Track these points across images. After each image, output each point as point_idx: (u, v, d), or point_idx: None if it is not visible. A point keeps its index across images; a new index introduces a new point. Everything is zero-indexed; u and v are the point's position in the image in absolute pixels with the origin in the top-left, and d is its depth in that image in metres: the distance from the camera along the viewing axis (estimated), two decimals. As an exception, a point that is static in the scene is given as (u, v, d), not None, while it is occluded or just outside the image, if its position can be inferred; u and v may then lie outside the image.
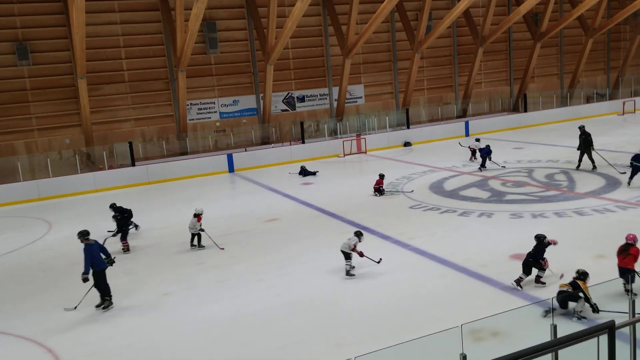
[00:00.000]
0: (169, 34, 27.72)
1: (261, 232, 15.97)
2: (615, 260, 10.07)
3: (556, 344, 5.18)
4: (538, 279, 10.73)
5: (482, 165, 22.26)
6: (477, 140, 24.78)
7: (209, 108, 29.86)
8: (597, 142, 25.59)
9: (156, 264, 13.97)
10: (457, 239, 13.99)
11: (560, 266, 10.70)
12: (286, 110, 31.69)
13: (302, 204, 18.86)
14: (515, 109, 36.96)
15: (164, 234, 16.59)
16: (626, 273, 9.34)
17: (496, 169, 21.94)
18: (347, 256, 11.91)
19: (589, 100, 38.29)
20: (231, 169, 26.25)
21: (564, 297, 8.87)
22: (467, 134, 31.79)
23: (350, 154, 28.48)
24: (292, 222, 16.79)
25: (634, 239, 9.90)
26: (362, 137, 29.21)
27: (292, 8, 26.58)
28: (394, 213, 16.90)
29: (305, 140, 28.90)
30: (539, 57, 36.85)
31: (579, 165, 20.83)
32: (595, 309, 8.61)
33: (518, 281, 10.61)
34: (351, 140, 28.87)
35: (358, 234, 12.06)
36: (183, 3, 24.68)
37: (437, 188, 19.69)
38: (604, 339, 5.53)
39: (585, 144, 20.57)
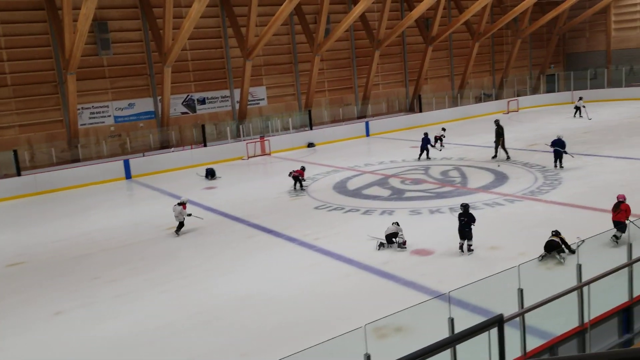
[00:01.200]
0: (56, 34, 26.09)
1: (162, 241, 15.47)
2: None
3: (452, 341, 5.44)
4: (469, 247, 12.53)
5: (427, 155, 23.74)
6: (443, 129, 27.48)
7: (103, 112, 28.46)
8: (484, 139, 27.28)
9: (47, 281, 13.10)
10: (361, 237, 14.31)
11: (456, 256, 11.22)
12: (186, 113, 30.92)
13: (206, 210, 18.47)
14: (411, 109, 38.47)
15: (57, 248, 15.60)
16: (619, 225, 11.58)
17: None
18: (389, 239, 13.10)
19: (477, 100, 40.65)
20: (128, 175, 25.20)
21: (551, 245, 11.49)
22: (367, 134, 32.68)
23: (254, 156, 28.32)
24: (195, 228, 16.40)
25: (624, 197, 12.32)
26: (265, 138, 29.15)
27: (189, 9, 25.99)
28: (299, 214, 16.99)
29: (208, 143, 28.36)
30: (431, 60, 38.62)
31: (495, 155, 22.53)
32: (572, 251, 10.99)
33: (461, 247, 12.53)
34: (255, 142, 28.71)
35: (396, 224, 13.34)
36: (71, 2, 23.36)
37: (340, 188, 20.06)
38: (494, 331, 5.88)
39: (497, 136, 22.26)
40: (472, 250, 12.49)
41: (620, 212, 12.08)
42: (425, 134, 24.34)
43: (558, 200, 16.12)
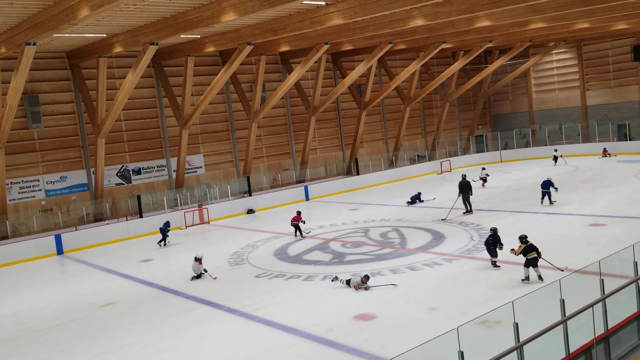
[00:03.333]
0: (-18, 107, 25.28)
1: (95, 319, 14.69)
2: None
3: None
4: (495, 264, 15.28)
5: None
6: (483, 168, 30.93)
7: (33, 186, 27.39)
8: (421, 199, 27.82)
9: (-32, 371, 12.10)
10: (303, 304, 14.13)
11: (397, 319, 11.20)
12: (121, 184, 30.22)
13: (142, 283, 17.80)
14: (348, 172, 39.16)
15: (-21, 334, 14.50)
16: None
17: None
18: (347, 283, 14.80)
19: (412, 161, 41.93)
20: (60, 250, 24.07)
21: (532, 261, 13.75)
22: (307, 198, 32.84)
23: (193, 225, 27.78)
24: (130, 304, 15.70)
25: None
26: (204, 207, 28.75)
27: (123, 80, 25.94)
28: (239, 284, 16.64)
29: (144, 214, 27.66)
30: (366, 124, 39.82)
31: (468, 210, 23.43)
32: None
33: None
34: (193, 211, 28.26)
35: (366, 278, 14.63)
36: (0, 76, 22.87)
37: (281, 254, 19.87)
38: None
39: (466, 191, 23.42)
40: (498, 266, 15.30)
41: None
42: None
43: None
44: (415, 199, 27.76)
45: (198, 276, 17.42)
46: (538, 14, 24.46)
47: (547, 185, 23.81)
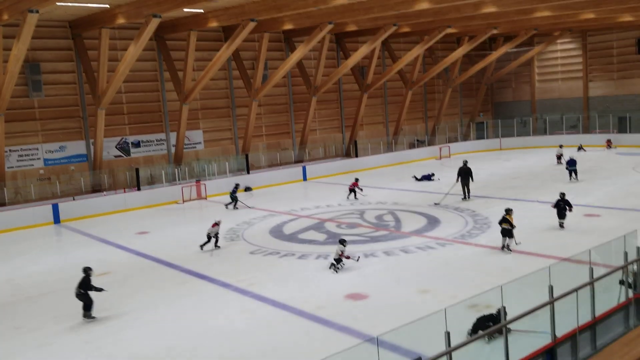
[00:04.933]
0: (-17, 74, 25.18)
1: (90, 289, 14.80)
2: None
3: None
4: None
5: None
6: (561, 146, 32.75)
7: (32, 154, 27.41)
8: (418, 184, 28.07)
9: (-38, 333, 12.25)
10: (296, 282, 14.27)
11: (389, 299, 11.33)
12: (120, 156, 30.24)
13: (137, 255, 17.94)
14: (347, 154, 39.19)
15: (-26, 298, 14.66)
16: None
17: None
18: (338, 261, 14.72)
19: (411, 146, 41.94)
20: (57, 220, 24.19)
21: (505, 231, 15.53)
22: (304, 178, 32.92)
23: (190, 200, 27.88)
24: (125, 275, 15.85)
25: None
26: (201, 182, 28.82)
27: (125, 52, 25.82)
28: (234, 259, 16.77)
29: (142, 187, 27.73)
30: (367, 106, 39.72)
31: (466, 197, 23.39)
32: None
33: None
34: (190, 186, 28.33)
35: (342, 242, 14.92)
36: (2, 43, 22.75)
37: (277, 232, 19.99)
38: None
39: (466, 176, 23.34)
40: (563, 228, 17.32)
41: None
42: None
43: (487, 244, 16.68)
44: (426, 178, 29.13)
45: (210, 240, 17.66)
46: (544, 2, 24.35)
47: (573, 164, 26.14)
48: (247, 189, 30.28)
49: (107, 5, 23.33)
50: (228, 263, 16.41)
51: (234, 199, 25.13)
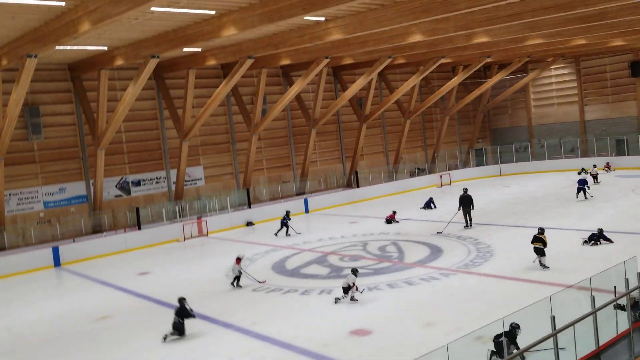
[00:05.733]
0: (-17, 119, 25.42)
1: (90, 333, 14.66)
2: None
3: None
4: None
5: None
6: (595, 166, 33.76)
7: (32, 197, 27.45)
8: (419, 214, 28.03)
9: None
10: (300, 319, 14.13)
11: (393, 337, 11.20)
12: (120, 195, 30.29)
13: (139, 297, 17.80)
14: (349, 185, 39.23)
15: (-26, 346, 14.50)
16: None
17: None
18: (345, 290, 14.82)
19: (411, 174, 42.01)
20: (57, 263, 24.06)
21: (537, 250, 16.32)
22: (306, 211, 32.88)
23: (191, 237, 27.79)
24: (125, 318, 15.69)
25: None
26: (203, 219, 28.78)
27: (124, 92, 26.10)
28: (236, 298, 16.64)
29: (142, 226, 27.69)
30: (366, 137, 39.94)
31: (468, 225, 23.37)
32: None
33: None
34: (191, 223, 28.28)
35: (354, 272, 15.00)
36: (1, 87, 23.03)
37: (279, 268, 19.88)
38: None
39: (467, 205, 23.38)
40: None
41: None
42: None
43: (490, 273, 16.58)
44: (429, 203, 29.50)
45: (237, 278, 17.40)
46: (535, 30, 24.67)
47: (583, 183, 27.57)
48: (249, 223, 30.23)
49: (106, 48, 23.68)
50: (230, 302, 16.28)
51: (285, 225, 25.63)
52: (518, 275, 16.02)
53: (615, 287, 9.50)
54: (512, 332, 9.55)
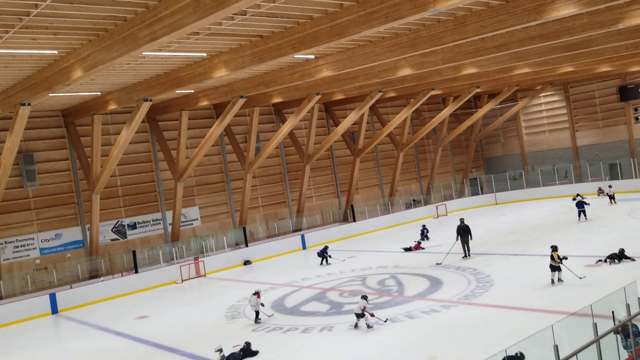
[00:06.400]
0: (-23, 168, 25.44)
1: (90, 381, 14.41)
2: None
3: None
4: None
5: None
6: (610, 186, 34.18)
7: (27, 245, 27.25)
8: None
9: None
10: (301, 358, 13.91)
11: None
12: (116, 239, 30.12)
13: (137, 341, 17.52)
14: (345, 219, 39.16)
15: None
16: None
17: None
18: (359, 316, 15.41)
19: (407, 206, 42.01)
20: (54, 310, 23.74)
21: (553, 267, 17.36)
22: (304, 247, 32.72)
23: (189, 278, 27.53)
24: (125, 363, 15.45)
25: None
26: (200, 259, 28.57)
27: (118, 136, 26.24)
28: (236, 339, 16.31)
29: (139, 269, 27.45)
30: (360, 170, 40.09)
31: (467, 255, 23.29)
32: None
33: None
34: (189, 264, 28.06)
35: (364, 297, 15.64)
36: (-6, 136, 23.17)
37: (279, 306, 19.66)
38: None
39: (465, 235, 23.38)
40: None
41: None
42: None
43: (491, 303, 16.44)
44: (422, 236, 29.45)
45: (257, 313, 17.72)
46: (522, 60, 25.09)
47: (581, 205, 28.63)
48: (247, 262, 30.03)
49: (99, 93, 23.92)
50: (230, 343, 16.01)
51: (324, 256, 26.58)
52: (519, 304, 15.90)
53: (612, 312, 9.44)
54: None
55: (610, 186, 34.64)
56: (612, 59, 29.72)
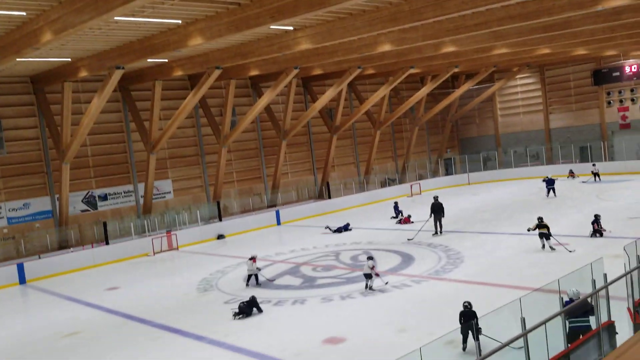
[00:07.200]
0: (-58, 133, 24.67)
1: (59, 350, 14.25)
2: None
3: None
4: None
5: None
6: (594, 164, 35.84)
7: (-6, 214, 26.69)
8: (391, 222, 28.05)
9: None
10: (273, 329, 13.95)
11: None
12: (87, 210, 29.62)
13: (108, 312, 17.35)
14: (320, 196, 39.16)
15: None
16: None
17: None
18: (368, 276, 16.15)
19: (382, 185, 42.19)
20: (22, 280, 23.34)
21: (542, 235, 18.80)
22: (278, 223, 32.67)
23: (161, 251, 27.30)
24: (94, 334, 15.27)
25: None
26: (172, 233, 28.32)
27: (89, 105, 25.64)
28: (208, 310, 16.35)
29: (110, 241, 27.10)
30: (337, 148, 40.01)
31: (437, 232, 23.57)
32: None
33: None
34: (161, 237, 27.79)
35: (371, 258, 16.73)
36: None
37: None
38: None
39: (438, 212, 23.70)
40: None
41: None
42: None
43: (461, 279, 16.66)
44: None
45: (253, 276, 18.26)
46: (501, 39, 25.15)
47: (551, 182, 30.87)
48: (220, 236, 29.88)
49: (69, 59, 23.25)
50: (202, 314, 15.98)
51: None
52: (488, 280, 16.15)
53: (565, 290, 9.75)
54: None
55: (594, 164, 36.07)
56: (588, 42, 30.00)
